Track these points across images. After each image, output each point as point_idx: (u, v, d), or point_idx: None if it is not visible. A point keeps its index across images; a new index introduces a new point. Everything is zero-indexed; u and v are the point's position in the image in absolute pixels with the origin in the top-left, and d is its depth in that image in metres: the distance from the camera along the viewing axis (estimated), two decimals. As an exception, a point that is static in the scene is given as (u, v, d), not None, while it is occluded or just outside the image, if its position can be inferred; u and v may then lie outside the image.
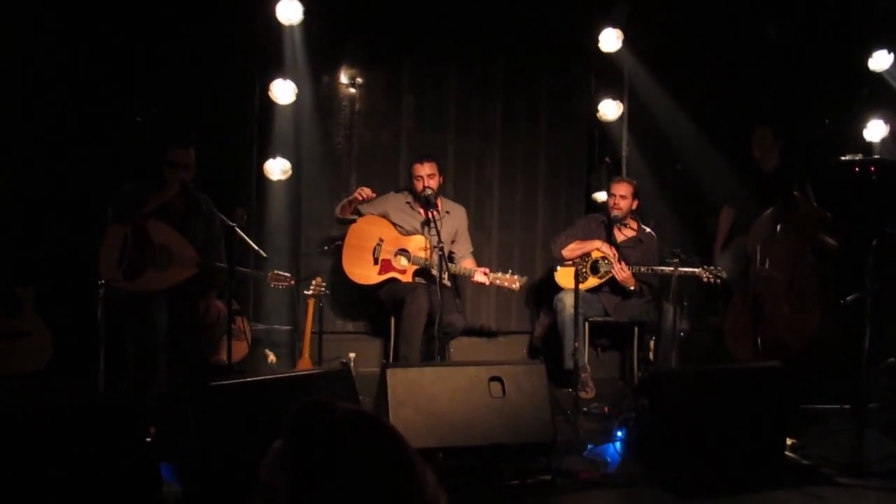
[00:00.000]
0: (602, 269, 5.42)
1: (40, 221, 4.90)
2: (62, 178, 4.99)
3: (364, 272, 5.16)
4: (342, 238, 5.27)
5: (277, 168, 5.38)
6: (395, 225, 5.22)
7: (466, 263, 5.22)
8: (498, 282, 4.98)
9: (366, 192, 5.18)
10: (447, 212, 5.27)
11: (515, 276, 4.95)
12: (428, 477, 1.29)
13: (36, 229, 4.88)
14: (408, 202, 5.31)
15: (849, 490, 3.54)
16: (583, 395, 5.11)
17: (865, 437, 3.90)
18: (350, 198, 5.20)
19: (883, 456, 3.78)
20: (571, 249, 5.48)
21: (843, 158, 5.37)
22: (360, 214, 5.23)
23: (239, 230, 4.14)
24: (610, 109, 6.19)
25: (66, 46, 5.02)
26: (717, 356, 5.43)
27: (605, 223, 5.55)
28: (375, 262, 5.15)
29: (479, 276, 5.02)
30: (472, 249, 5.43)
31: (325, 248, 5.57)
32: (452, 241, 5.29)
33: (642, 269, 5.31)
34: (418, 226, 5.23)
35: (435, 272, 4.88)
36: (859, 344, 4.03)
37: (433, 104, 6.14)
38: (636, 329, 5.62)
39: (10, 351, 4.45)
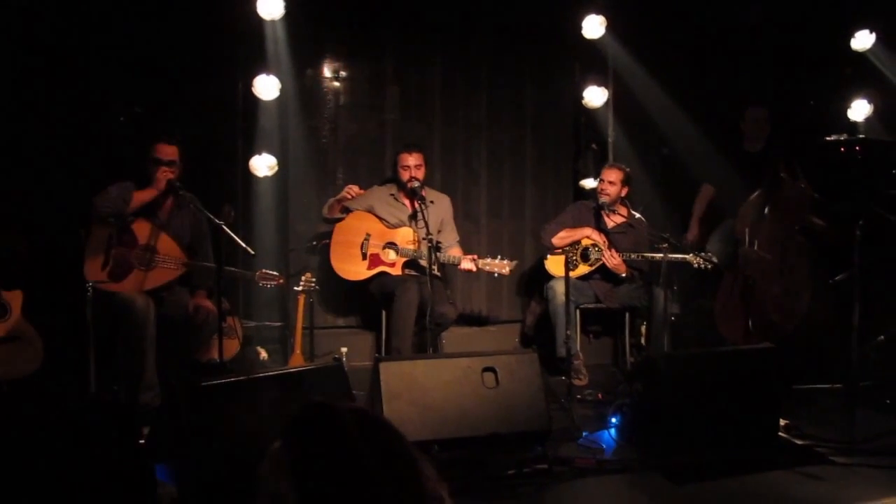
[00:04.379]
0: (592, 257, 5.42)
1: (26, 224, 4.84)
2: (46, 179, 4.94)
3: (353, 268, 5.14)
4: (329, 236, 5.25)
5: (263, 164, 5.35)
6: (380, 219, 5.20)
7: (453, 252, 5.21)
8: (487, 268, 4.95)
9: (354, 190, 5.18)
10: (431, 202, 5.24)
11: (505, 262, 4.93)
12: (429, 471, 1.29)
13: (22, 232, 4.82)
14: (392, 194, 5.29)
15: (843, 469, 3.56)
16: (576, 382, 5.12)
17: (858, 415, 3.92)
18: (338, 197, 5.19)
19: (875, 433, 3.81)
20: (561, 237, 5.48)
21: (828, 139, 5.39)
22: (349, 212, 5.21)
23: (226, 228, 4.11)
24: (595, 96, 6.19)
25: (46, 46, 4.96)
26: (708, 339, 5.45)
27: (594, 210, 5.55)
28: (364, 257, 5.13)
29: (467, 264, 5.00)
30: (458, 238, 5.42)
31: (314, 243, 5.54)
32: (438, 231, 5.26)
33: (633, 255, 5.31)
34: (404, 218, 5.21)
35: (424, 263, 4.86)
36: (849, 323, 4.06)
37: (418, 95, 6.11)
38: (627, 315, 5.62)
39: (0, 356, 4.41)
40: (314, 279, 4.99)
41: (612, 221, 5.55)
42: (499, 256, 4.97)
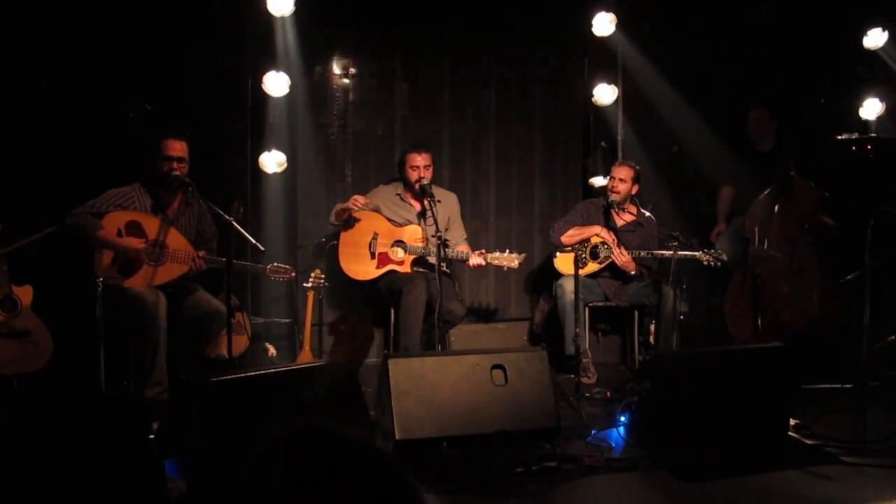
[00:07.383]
0: (601, 255, 5.41)
1: (36, 219, 4.86)
2: (56, 176, 4.95)
3: (363, 268, 5.13)
4: (337, 237, 5.25)
5: (272, 161, 5.35)
6: (387, 219, 5.20)
7: (461, 249, 5.21)
8: (496, 262, 4.96)
9: (360, 200, 5.15)
10: (438, 200, 5.23)
11: (514, 255, 4.93)
12: None
13: (32, 228, 4.84)
14: (398, 194, 5.29)
15: (853, 469, 3.54)
16: (584, 380, 5.12)
17: (868, 415, 3.91)
18: (344, 206, 5.17)
19: (885, 434, 3.79)
20: (570, 235, 5.47)
21: (839, 137, 5.37)
22: (355, 219, 5.21)
23: (236, 224, 4.12)
24: (605, 93, 6.17)
25: (58, 42, 4.98)
26: (717, 338, 5.44)
27: (603, 208, 5.54)
28: (372, 256, 5.13)
29: (476, 259, 5.00)
30: (465, 235, 5.42)
31: (323, 239, 5.55)
32: (446, 229, 5.24)
33: (642, 253, 5.30)
34: (411, 218, 5.21)
35: (432, 260, 4.86)
36: (859, 322, 4.04)
37: (427, 91, 6.10)
38: (636, 313, 5.61)
39: (10, 351, 4.43)
40: (323, 276, 4.99)
41: (621, 219, 5.54)
42: (507, 250, 4.97)
